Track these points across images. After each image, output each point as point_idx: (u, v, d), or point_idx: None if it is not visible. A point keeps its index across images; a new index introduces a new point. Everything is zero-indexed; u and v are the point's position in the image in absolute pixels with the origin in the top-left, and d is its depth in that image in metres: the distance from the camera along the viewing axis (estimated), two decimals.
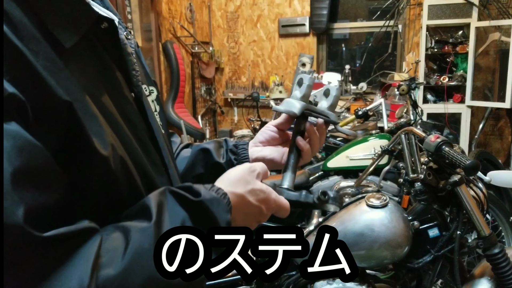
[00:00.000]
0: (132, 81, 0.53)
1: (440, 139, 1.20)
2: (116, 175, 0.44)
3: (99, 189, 0.43)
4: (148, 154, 0.52)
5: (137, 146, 0.49)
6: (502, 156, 3.42)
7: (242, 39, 4.20)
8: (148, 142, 0.53)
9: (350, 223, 1.26)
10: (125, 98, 0.50)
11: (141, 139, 0.51)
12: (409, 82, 2.11)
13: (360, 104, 3.57)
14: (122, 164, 0.45)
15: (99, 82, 0.46)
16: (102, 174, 0.42)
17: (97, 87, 0.45)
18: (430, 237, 1.29)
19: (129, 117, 0.50)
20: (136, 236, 0.40)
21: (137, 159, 0.48)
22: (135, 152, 0.49)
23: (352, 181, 2.08)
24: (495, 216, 2.10)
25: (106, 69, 0.49)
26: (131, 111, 0.51)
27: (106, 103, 0.46)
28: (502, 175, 1.80)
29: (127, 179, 0.46)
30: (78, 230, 0.37)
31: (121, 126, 0.47)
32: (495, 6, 3.17)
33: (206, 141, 0.74)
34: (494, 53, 3.15)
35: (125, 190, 0.46)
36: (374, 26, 3.76)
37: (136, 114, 0.52)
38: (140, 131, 0.52)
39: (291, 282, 1.36)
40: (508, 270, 1.16)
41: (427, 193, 1.30)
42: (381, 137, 2.13)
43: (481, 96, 3.19)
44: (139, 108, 0.53)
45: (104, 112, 0.44)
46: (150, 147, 0.53)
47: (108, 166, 0.42)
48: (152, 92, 0.62)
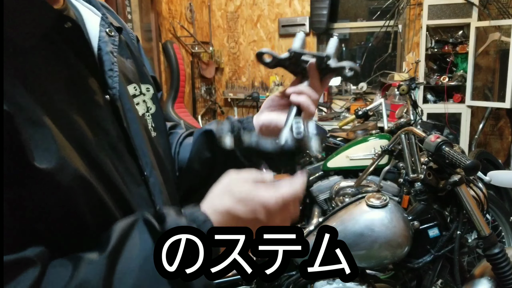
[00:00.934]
0: (107, 82, 0.49)
1: (440, 139, 1.20)
2: (69, 191, 0.39)
3: (50, 208, 0.38)
4: (121, 162, 0.48)
5: (106, 155, 0.45)
6: (502, 156, 3.42)
7: (242, 39, 4.19)
8: (123, 149, 0.49)
9: (350, 223, 1.26)
10: (94, 103, 0.46)
11: (114, 147, 0.47)
12: (409, 82, 2.11)
13: (360, 104, 3.57)
14: (80, 178, 0.40)
15: (60, 87, 0.42)
16: (49, 191, 0.37)
17: (57, 92, 0.41)
18: (430, 237, 1.29)
19: (100, 123, 0.46)
20: (83, 269, 0.37)
21: (103, 170, 0.44)
22: (102, 162, 0.44)
23: (352, 181, 2.08)
24: (495, 216, 2.10)
25: (72, 72, 0.45)
26: (102, 116, 0.47)
27: (66, 109, 0.41)
28: (502, 175, 1.80)
29: (88, 195, 0.41)
30: (15, 259, 0.34)
31: (84, 134, 0.43)
32: (495, 6, 3.17)
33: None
34: (494, 53, 3.15)
35: (86, 208, 0.41)
36: (374, 26, 3.76)
37: (109, 120, 0.48)
38: (112, 138, 0.47)
39: (291, 282, 1.36)
40: (508, 270, 1.16)
41: (427, 193, 1.30)
42: (381, 137, 2.13)
43: (481, 96, 3.19)
44: (115, 112, 0.49)
45: (60, 121, 0.40)
46: (125, 155, 0.49)
47: (55, 181, 0.37)
48: (148, 90, 0.59)
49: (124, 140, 0.50)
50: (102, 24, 0.51)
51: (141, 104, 0.57)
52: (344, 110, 3.63)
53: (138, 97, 0.56)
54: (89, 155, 0.42)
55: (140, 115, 0.56)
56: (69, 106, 0.42)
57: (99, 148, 0.44)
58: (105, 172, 0.44)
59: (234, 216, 0.44)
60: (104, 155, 0.45)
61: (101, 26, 0.51)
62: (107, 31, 0.52)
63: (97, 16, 0.53)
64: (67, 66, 0.44)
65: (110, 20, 0.55)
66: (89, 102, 0.46)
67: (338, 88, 3.87)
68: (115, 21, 0.58)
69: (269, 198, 0.44)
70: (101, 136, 0.45)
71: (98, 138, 0.45)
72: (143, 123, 0.56)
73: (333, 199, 2.11)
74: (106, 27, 0.52)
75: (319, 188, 2.16)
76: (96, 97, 0.47)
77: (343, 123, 2.57)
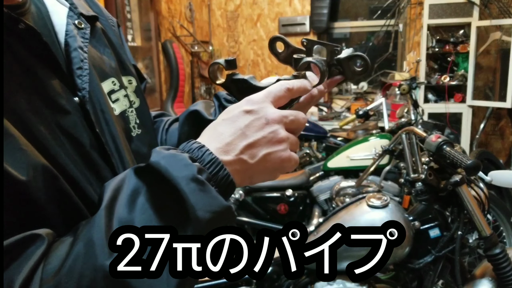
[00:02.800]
0: (75, 83, 0.44)
1: (441, 138, 1.20)
2: (40, 202, 0.36)
3: (21, 222, 0.36)
4: (94, 172, 0.44)
5: (76, 165, 0.41)
6: (503, 156, 3.42)
7: (242, 38, 4.19)
8: (96, 157, 0.45)
9: (351, 223, 1.25)
10: (59, 108, 0.42)
11: (86, 155, 0.43)
12: (410, 82, 2.10)
13: (361, 103, 3.56)
14: (52, 188, 0.37)
15: (19, 94, 0.38)
16: (21, 203, 0.35)
17: (16, 101, 0.37)
18: (431, 237, 1.29)
19: (67, 131, 0.42)
20: (85, 228, 0.36)
21: (74, 179, 0.41)
22: (72, 171, 0.41)
23: (353, 181, 2.08)
24: (496, 216, 2.10)
25: (30, 77, 0.40)
26: (70, 123, 0.42)
27: (28, 118, 0.38)
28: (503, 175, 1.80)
29: (60, 205, 0.38)
30: (21, 238, 0.34)
31: (46, 145, 0.39)
32: (496, 5, 3.16)
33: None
34: (495, 52, 3.14)
35: (58, 218, 0.38)
36: (374, 25, 3.75)
37: (79, 125, 0.43)
38: (84, 146, 0.43)
39: (291, 282, 1.35)
40: (509, 271, 1.15)
41: (428, 193, 1.29)
42: (381, 137, 2.12)
43: (482, 95, 3.19)
44: (86, 116, 0.44)
45: (26, 129, 0.37)
46: (99, 163, 0.45)
47: (28, 193, 0.35)
48: (130, 82, 0.54)
49: (97, 147, 0.45)
50: (70, 16, 0.47)
51: (122, 99, 0.52)
52: (345, 109, 3.62)
53: (118, 92, 0.51)
54: (57, 165, 0.39)
55: (118, 114, 0.51)
56: (28, 115, 0.38)
57: (67, 159, 0.41)
58: (75, 181, 0.41)
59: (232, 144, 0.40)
60: (72, 166, 0.41)
61: (68, 18, 0.46)
62: (75, 24, 0.47)
63: (64, 7, 0.47)
64: (24, 71, 0.39)
65: (82, 9, 0.50)
66: (52, 108, 0.41)
67: (338, 88, 3.86)
68: (90, 7, 0.53)
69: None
70: (68, 146, 0.41)
71: (64, 148, 0.41)
72: (122, 123, 0.52)
73: (334, 199, 2.10)
74: (74, 19, 0.47)
75: (319, 188, 2.15)
76: (62, 101, 0.42)
77: (343, 123, 2.56)
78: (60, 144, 0.40)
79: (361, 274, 0.51)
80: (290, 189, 2.08)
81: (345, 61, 0.57)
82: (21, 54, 0.39)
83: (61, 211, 0.39)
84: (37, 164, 0.36)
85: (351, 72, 0.58)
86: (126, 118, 0.53)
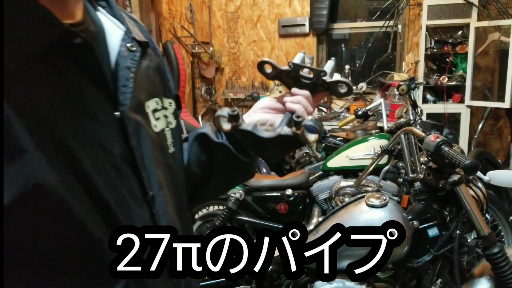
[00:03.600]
0: (118, 99, 0.48)
1: (440, 139, 1.20)
2: (35, 220, 0.37)
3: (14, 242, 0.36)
4: (124, 182, 0.46)
5: (105, 175, 0.44)
6: (501, 156, 3.43)
7: (242, 39, 4.20)
8: (127, 169, 0.47)
9: (350, 223, 1.26)
10: (97, 121, 0.44)
11: (117, 167, 0.46)
12: (409, 82, 2.11)
13: (360, 104, 3.57)
14: (58, 204, 0.38)
15: (53, 108, 0.39)
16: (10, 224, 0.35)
17: (50, 114, 0.39)
18: (429, 236, 1.30)
19: (101, 143, 0.44)
20: None
21: (97, 192, 0.42)
22: (97, 184, 0.42)
23: (352, 181, 2.08)
24: (494, 216, 2.10)
25: (72, 89, 0.42)
26: (105, 135, 0.45)
27: (57, 132, 0.39)
28: (502, 174, 1.81)
29: (71, 224, 0.40)
30: None
31: (75, 155, 0.41)
32: (494, 6, 3.17)
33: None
34: (494, 53, 3.15)
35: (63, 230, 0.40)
36: (374, 26, 3.76)
37: (115, 138, 0.46)
38: (116, 157, 0.46)
39: (291, 281, 1.36)
40: (508, 270, 1.16)
41: (426, 192, 1.30)
42: (380, 137, 2.13)
43: (480, 96, 3.20)
44: (123, 130, 0.47)
45: (46, 143, 0.38)
46: (129, 174, 0.47)
47: (13, 215, 0.36)
48: (170, 105, 0.58)
49: (129, 159, 0.48)
50: (124, 39, 0.50)
51: (162, 118, 0.56)
52: (344, 110, 3.63)
53: (160, 111, 0.55)
54: (79, 178, 0.41)
55: (157, 131, 0.55)
56: (61, 126, 0.40)
57: (97, 169, 0.43)
58: (97, 193, 0.43)
59: None
60: (100, 176, 0.43)
61: (122, 41, 0.50)
62: (128, 46, 0.51)
63: (120, 31, 0.51)
64: (66, 84, 0.42)
65: (135, 35, 0.54)
66: (90, 120, 0.44)
67: None
68: (142, 35, 0.57)
69: None
70: (100, 156, 0.44)
71: (95, 158, 0.43)
72: (159, 139, 0.55)
73: (333, 198, 2.11)
74: (127, 42, 0.51)
75: (319, 188, 2.16)
76: (101, 115, 0.45)
77: (343, 123, 2.57)
78: (90, 155, 0.43)
79: (361, 274, 0.52)
80: (290, 188, 2.09)
81: (331, 84, 0.63)
82: (64, 68, 0.42)
83: (73, 228, 0.40)
84: (42, 179, 0.38)
85: (336, 93, 0.63)
86: (164, 136, 0.57)
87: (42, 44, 0.39)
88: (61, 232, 0.39)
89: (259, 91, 4.11)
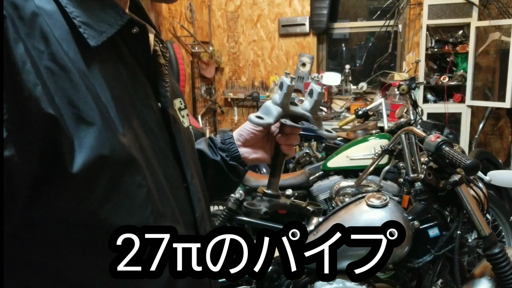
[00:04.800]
0: (160, 91, 0.51)
1: (440, 138, 1.20)
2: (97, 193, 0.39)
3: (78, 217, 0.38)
4: (168, 168, 0.49)
5: (156, 158, 0.47)
6: (502, 156, 3.42)
7: (242, 39, 4.19)
8: (169, 154, 0.50)
9: (350, 223, 1.26)
10: (149, 107, 0.48)
11: (161, 150, 0.49)
12: (409, 82, 2.11)
13: (360, 104, 3.57)
14: (135, 172, 0.41)
15: (118, 88, 0.43)
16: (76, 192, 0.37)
17: (113, 93, 0.42)
18: (430, 236, 1.30)
19: (151, 127, 0.47)
20: None
21: (154, 173, 0.45)
22: (153, 164, 0.46)
23: (352, 181, 2.08)
24: (495, 216, 2.10)
25: (131, 75, 0.46)
26: (154, 120, 0.48)
27: (123, 109, 0.42)
28: (502, 174, 1.80)
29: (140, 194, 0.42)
30: None
31: (139, 135, 0.44)
32: (495, 5, 3.17)
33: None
34: (494, 52, 3.15)
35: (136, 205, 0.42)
36: (374, 26, 3.76)
37: (160, 125, 0.49)
38: (160, 142, 0.49)
39: (291, 282, 1.36)
40: (508, 270, 1.16)
41: (427, 192, 1.30)
42: (381, 137, 2.13)
43: (481, 96, 3.19)
44: (164, 119, 0.51)
45: (119, 118, 0.41)
46: (170, 159, 0.51)
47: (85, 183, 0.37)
48: (185, 107, 0.61)
49: (171, 147, 0.51)
50: (156, 40, 0.53)
51: (186, 117, 0.60)
52: (344, 110, 3.63)
53: (183, 110, 0.59)
54: (143, 154, 0.43)
55: (186, 127, 0.59)
56: (125, 107, 0.43)
57: (150, 150, 0.46)
58: (154, 174, 0.45)
59: None
60: (154, 158, 0.46)
61: (155, 42, 0.53)
62: (160, 47, 0.53)
63: (151, 33, 0.54)
64: (127, 69, 0.45)
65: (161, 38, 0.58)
66: (144, 106, 0.47)
67: (338, 88, 3.87)
68: None
69: None
70: (152, 139, 0.47)
71: (150, 141, 0.46)
72: (188, 134, 0.59)
73: (333, 199, 2.11)
74: (159, 43, 0.53)
75: (319, 188, 2.16)
76: (151, 102, 0.49)
77: (343, 123, 2.57)
78: (147, 137, 0.46)
79: (361, 274, 0.51)
80: (290, 188, 2.09)
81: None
82: (126, 55, 0.46)
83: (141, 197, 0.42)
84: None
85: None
86: (190, 132, 0.61)
87: (114, 29, 0.42)
88: (128, 206, 0.41)
89: (259, 91, 4.11)
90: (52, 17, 0.37)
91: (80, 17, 0.39)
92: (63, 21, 0.38)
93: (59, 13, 0.38)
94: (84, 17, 0.39)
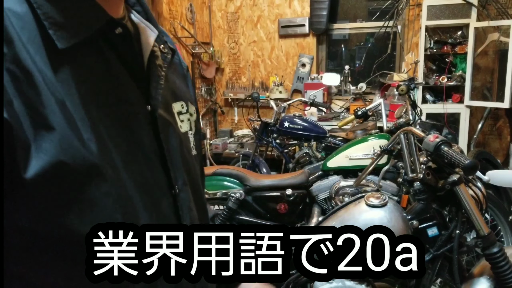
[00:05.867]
0: (150, 93, 0.49)
1: (439, 138, 1.21)
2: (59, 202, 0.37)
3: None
4: (146, 173, 0.47)
5: (136, 164, 0.45)
6: (501, 155, 3.43)
7: (242, 39, 4.20)
8: (155, 160, 0.48)
9: (350, 223, 1.26)
10: (130, 112, 0.46)
11: (144, 156, 0.46)
12: (408, 82, 2.12)
13: (360, 104, 3.58)
14: (101, 183, 0.39)
15: (90, 92, 0.41)
16: (28, 205, 0.36)
17: (83, 97, 0.40)
18: (429, 236, 1.30)
19: (133, 131, 0.45)
20: None
21: (125, 178, 0.43)
22: (124, 170, 0.43)
23: (352, 181, 2.09)
24: (494, 216, 2.11)
25: (112, 78, 0.44)
26: (137, 124, 0.46)
27: (93, 114, 0.40)
28: (501, 174, 1.81)
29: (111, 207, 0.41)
30: None
31: (109, 140, 0.42)
32: (494, 6, 3.18)
33: None
34: (493, 53, 3.16)
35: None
36: (373, 26, 3.77)
37: (145, 129, 0.47)
38: (145, 147, 0.47)
39: (291, 281, 1.37)
40: (507, 269, 1.17)
41: (426, 192, 1.31)
42: (380, 137, 2.13)
43: (480, 96, 3.20)
44: (153, 123, 0.49)
45: (83, 125, 0.39)
46: (155, 165, 0.48)
47: (35, 194, 0.36)
48: (195, 113, 0.60)
49: (158, 151, 0.49)
50: (157, 41, 0.52)
51: (186, 121, 0.57)
52: (344, 110, 3.63)
53: (184, 114, 0.57)
54: (114, 162, 0.42)
55: (183, 132, 0.56)
56: (100, 112, 0.41)
57: (126, 156, 0.43)
58: (128, 181, 0.43)
59: None
60: (130, 165, 0.44)
61: (155, 42, 0.52)
62: (160, 48, 0.52)
63: (153, 33, 0.53)
64: (107, 72, 0.44)
65: (166, 39, 0.56)
66: (125, 109, 0.45)
67: (337, 88, 3.88)
68: (170, 44, 0.59)
69: None
70: (131, 145, 0.45)
71: (127, 146, 0.44)
72: (185, 139, 0.56)
73: (333, 198, 2.12)
74: (160, 44, 0.52)
75: (318, 188, 2.16)
76: (135, 106, 0.47)
77: (342, 123, 2.58)
78: (124, 138, 0.44)
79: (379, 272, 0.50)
80: (290, 188, 2.09)
81: None
82: (107, 57, 0.44)
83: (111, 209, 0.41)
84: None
85: None
86: (188, 138, 0.58)
87: (90, 30, 0.41)
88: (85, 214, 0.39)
89: (259, 91, 4.11)
90: (22, 19, 0.37)
91: (53, 18, 0.38)
92: (34, 23, 0.37)
93: (30, 15, 0.37)
94: (59, 18, 0.38)
